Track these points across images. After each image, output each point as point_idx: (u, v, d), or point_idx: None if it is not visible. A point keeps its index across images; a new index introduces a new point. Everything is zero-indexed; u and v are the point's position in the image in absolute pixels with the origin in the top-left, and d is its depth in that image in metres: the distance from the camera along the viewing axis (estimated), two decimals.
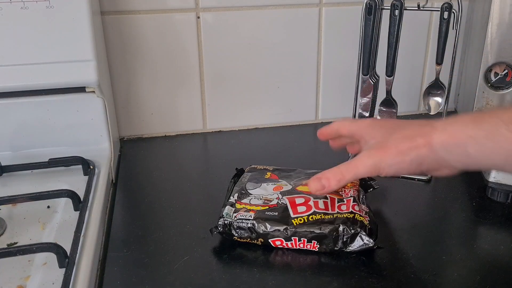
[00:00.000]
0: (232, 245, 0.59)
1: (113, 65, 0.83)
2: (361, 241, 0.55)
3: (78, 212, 0.62)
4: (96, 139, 0.76)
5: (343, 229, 0.55)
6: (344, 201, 0.58)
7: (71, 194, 0.63)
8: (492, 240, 0.60)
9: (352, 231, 0.55)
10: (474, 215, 0.65)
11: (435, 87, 0.73)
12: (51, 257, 0.53)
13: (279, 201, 0.59)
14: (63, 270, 0.52)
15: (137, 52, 0.83)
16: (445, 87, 0.72)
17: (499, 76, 0.80)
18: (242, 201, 0.60)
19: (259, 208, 0.58)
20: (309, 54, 0.89)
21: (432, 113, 0.73)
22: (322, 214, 0.56)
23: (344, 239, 0.55)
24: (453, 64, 0.69)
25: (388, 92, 0.73)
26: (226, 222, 0.58)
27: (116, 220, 0.65)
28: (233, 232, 0.57)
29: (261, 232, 0.56)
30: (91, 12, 0.70)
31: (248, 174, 0.66)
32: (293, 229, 0.56)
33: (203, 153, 0.88)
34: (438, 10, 0.67)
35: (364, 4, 0.68)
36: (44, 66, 0.70)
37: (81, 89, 0.73)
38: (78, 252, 0.55)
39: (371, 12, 0.68)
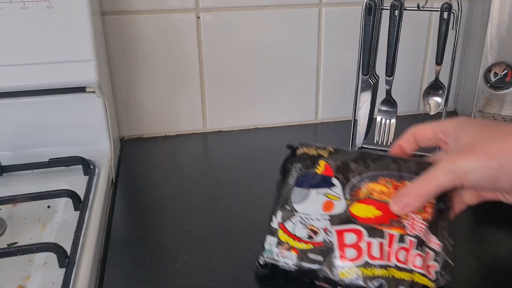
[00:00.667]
0: (232, 246, 0.59)
1: (113, 65, 0.83)
2: None
3: (78, 212, 0.62)
4: (96, 139, 0.76)
5: None
6: (405, 242, 0.47)
7: (71, 194, 0.63)
8: (492, 240, 0.60)
9: None
10: (474, 215, 0.65)
11: (435, 87, 0.73)
12: (51, 257, 0.53)
13: (326, 236, 0.49)
14: (63, 270, 0.52)
15: (137, 52, 0.83)
16: (444, 87, 0.72)
17: (498, 76, 0.81)
18: (286, 225, 0.51)
19: (302, 246, 0.49)
20: (309, 54, 0.89)
21: (432, 113, 0.73)
22: (374, 269, 0.47)
23: None
24: (453, 64, 0.69)
25: (388, 92, 0.73)
26: (268, 261, 0.51)
27: (117, 220, 0.65)
28: (278, 271, 0.51)
29: (306, 275, 0.50)
30: (91, 12, 0.70)
31: (297, 167, 0.55)
32: (338, 280, 0.48)
33: (203, 153, 0.88)
34: (438, 10, 0.67)
35: (364, 4, 0.68)
36: (44, 66, 0.70)
37: (81, 89, 0.73)
38: (78, 252, 0.55)
39: (371, 12, 0.68)
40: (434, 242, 0.48)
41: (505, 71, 0.79)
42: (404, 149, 0.53)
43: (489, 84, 0.81)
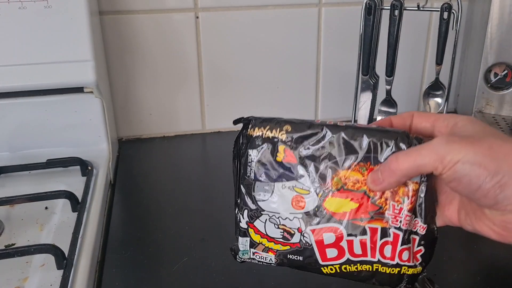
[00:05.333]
0: None
1: (112, 65, 0.83)
2: None
3: (76, 213, 0.61)
4: (94, 139, 0.76)
5: None
6: (389, 236, 0.43)
7: (69, 195, 0.63)
8: (492, 241, 0.60)
9: None
10: None
11: (435, 87, 0.72)
12: (49, 258, 0.53)
13: (302, 237, 0.45)
14: (61, 271, 0.52)
15: (136, 52, 0.83)
16: (445, 88, 0.72)
17: (499, 77, 0.80)
18: (255, 224, 0.47)
19: (278, 247, 0.46)
20: (308, 54, 0.89)
21: None
22: (358, 265, 0.44)
23: None
24: (453, 64, 0.69)
25: (388, 92, 0.73)
26: (245, 260, 0.48)
27: (115, 221, 0.65)
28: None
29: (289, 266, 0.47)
30: (89, 12, 0.70)
31: (253, 155, 0.48)
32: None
33: (202, 153, 0.88)
34: (438, 11, 0.67)
35: (364, 4, 0.68)
36: (42, 66, 0.69)
37: (79, 90, 0.73)
38: (76, 253, 0.55)
39: (371, 12, 0.67)
40: (419, 225, 0.43)
41: (505, 71, 0.79)
42: (394, 126, 0.45)
43: (489, 85, 0.81)
